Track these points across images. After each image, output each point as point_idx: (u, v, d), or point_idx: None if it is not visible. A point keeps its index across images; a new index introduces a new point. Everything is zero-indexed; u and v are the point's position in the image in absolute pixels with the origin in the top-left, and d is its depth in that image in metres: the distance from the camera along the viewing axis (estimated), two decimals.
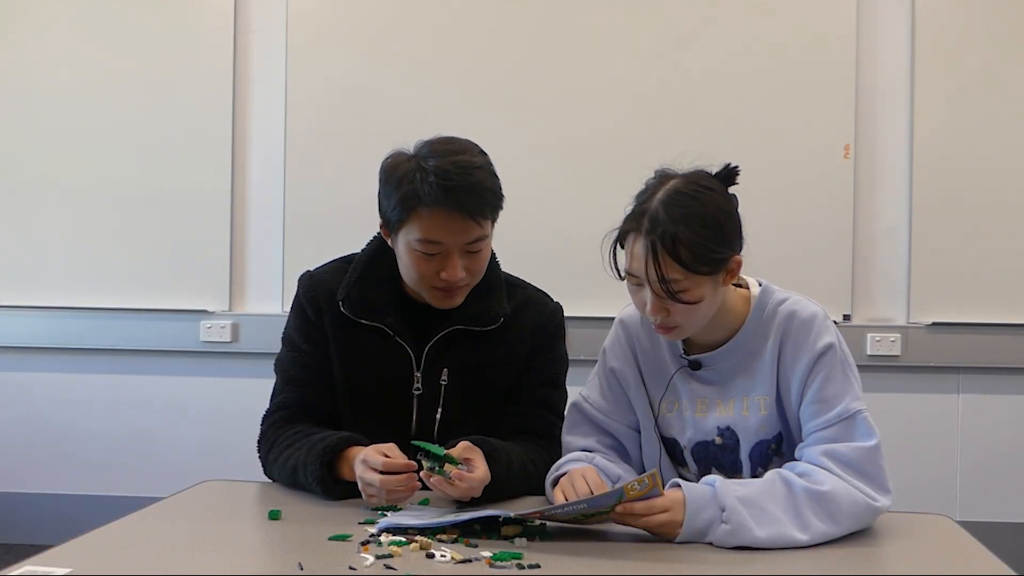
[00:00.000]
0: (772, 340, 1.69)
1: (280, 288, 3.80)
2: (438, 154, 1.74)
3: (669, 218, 1.57)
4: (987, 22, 3.68)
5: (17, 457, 3.92)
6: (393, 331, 1.87)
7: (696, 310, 1.63)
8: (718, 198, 1.63)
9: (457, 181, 1.71)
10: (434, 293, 1.82)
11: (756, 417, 1.72)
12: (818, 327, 1.68)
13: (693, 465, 1.79)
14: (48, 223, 3.89)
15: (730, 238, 1.63)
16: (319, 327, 1.91)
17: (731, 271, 1.65)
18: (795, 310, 1.70)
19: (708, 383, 1.76)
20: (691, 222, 1.58)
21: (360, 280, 1.89)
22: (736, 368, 1.73)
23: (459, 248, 1.76)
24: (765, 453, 1.74)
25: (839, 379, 1.65)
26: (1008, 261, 3.66)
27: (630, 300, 1.74)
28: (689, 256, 1.57)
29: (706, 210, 1.60)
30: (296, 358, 1.94)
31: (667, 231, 1.56)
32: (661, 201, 1.60)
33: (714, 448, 1.76)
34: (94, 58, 3.88)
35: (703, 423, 1.76)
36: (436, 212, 1.71)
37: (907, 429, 3.67)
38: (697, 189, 1.62)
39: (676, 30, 3.74)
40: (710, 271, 1.60)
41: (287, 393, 1.94)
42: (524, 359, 1.92)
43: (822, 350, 1.66)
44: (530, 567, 1.35)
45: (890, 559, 1.52)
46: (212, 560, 1.38)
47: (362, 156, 3.83)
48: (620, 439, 1.85)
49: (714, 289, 1.63)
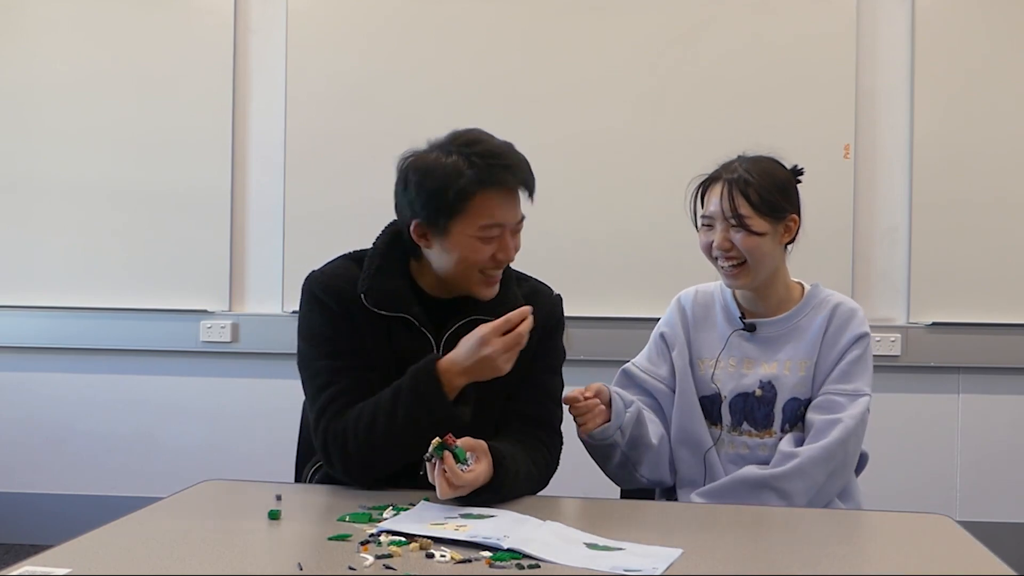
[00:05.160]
0: (821, 317, 2.03)
1: (280, 288, 3.80)
2: (473, 143, 1.80)
3: (745, 169, 1.97)
4: (987, 22, 3.68)
5: (17, 457, 3.93)
6: (419, 321, 1.86)
7: (757, 249, 1.95)
8: (785, 172, 2.02)
9: (509, 160, 1.80)
10: (482, 280, 1.86)
11: (795, 376, 2.01)
12: (860, 319, 2.04)
13: (728, 418, 2.04)
14: (48, 223, 3.89)
15: (791, 198, 2.00)
16: (346, 317, 1.86)
17: (789, 228, 1.99)
18: (842, 301, 2.06)
19: (759, 344, 2.05)
20: (762, 175, 1.96)
21: (379, 272, 1.87)
22: (786, 335, 2.04)
23: (513, 227, 1.83)
24: (796, 411, 2.00)
25: (863, 365, 2.00)
26: (1008, 261, 3.66)
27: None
28: (757, 198, 1.94)
29: (775, 171, 2.00)
30: (331, 350, 1.86)
31: (741, 176, 1.96)
32: (740, 159, 2.01)
33: (752, 400, 2.02)
34: (94, 57, 3.88)
35: (747, 377, 2.03)
36: (498, 193, 1.78)
37: (907, 429, 3.67)
38: (771, 160, 2.02)
39: (676, 30, 3.74)
40: (772, 215, 1.95)
41: (337, 384, 1.84)
42: (530, 347, 1.89)
43: (860, 335, 2.01)
44: (530, 567, 1.35)
45: (890, 559, 1.52)
46: (211, 560, 1.38)
47: (362, 155, 3.87)
48: (658, 398, 2.11)
49: (774, 238, 1.97)
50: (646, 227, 3.66)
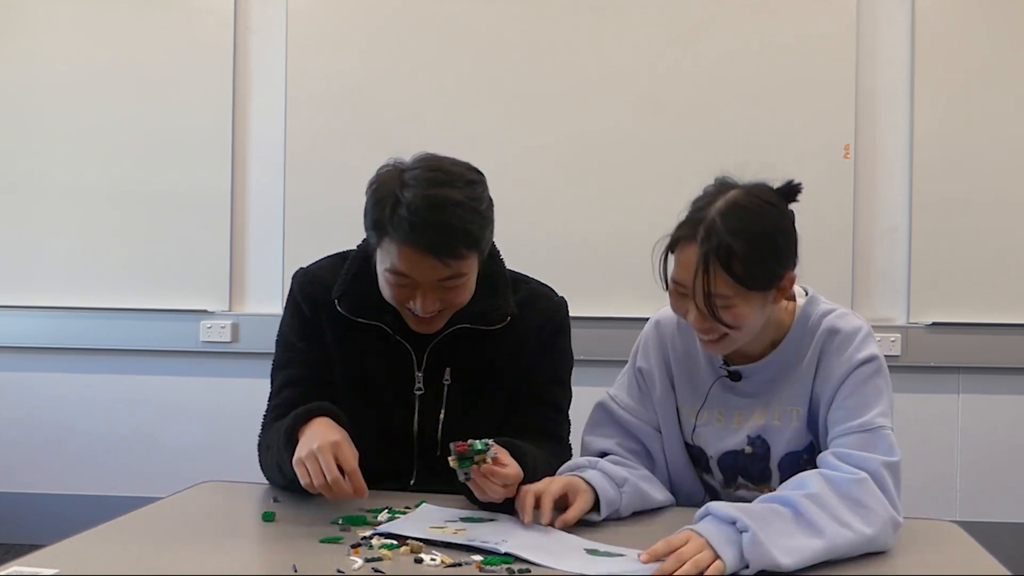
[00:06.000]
0: (811, 353, 1.66)
1: (280, 288, 3.80)
2: (419, 183, 1.64)
3: (726, 229, 1.52)
4: (987, 22, 3.67)
5: (17, 457, 3.93)
6: (392, 330, 1.81)
7: (743, 322, 1.58)
8: (777, 214, 1.60)
9: (428, 219, 1.60)
10: (409, 317, 1.76)
11: (789, 428, 1.68)
12: (859, 341, 1.65)
13: (719, 475, 1.76)
14: (48, 222, 3.89)
15: (785, 255, 1.60)
16: (315, 323, 1.85)
17: (783, 289, 1.62)
18: (837, 325, 1.66)
19: (745, 395, 1.72)
20: (749, 237, 1.53)
21: (356, 278, 1.82)
22: (775, 379, 1.70)
23: (430, 283, 1.68)
24: (796, 464, 1.69)
25: (871, 391, 1.62)
26: (1008, 261, 3.65)
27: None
28: (742, 271, 1.52)
29: (764, 226, 1.56)
30: (292, 358, 1.87)
31: (722, 243, 1.51)
32: (719, 211, 1.55)
33: (743, 458, 1.73)
34: (94, 57, 3.89)
35: (735, 434, 1.72)
36: (403, 248, 1.63)
37: (907, 429, 3.60)
38: (759, 203, 1.58)
39: (676, 30, 3.74)
40: (762, 287, 1.57)
41: (285, 394, 1.85)
42: (529, 355, 1.86)
43: (861, 360, 1.62)
44: (520, 571, 1.35)
45: (888, 561, 1.51)
46: (202, 561, 1.38)
47: (362, 156, 3.81)
48: (644, 441, 1.80)
49: (763, 306, 1.60)
50: (646, 227, 3.57)
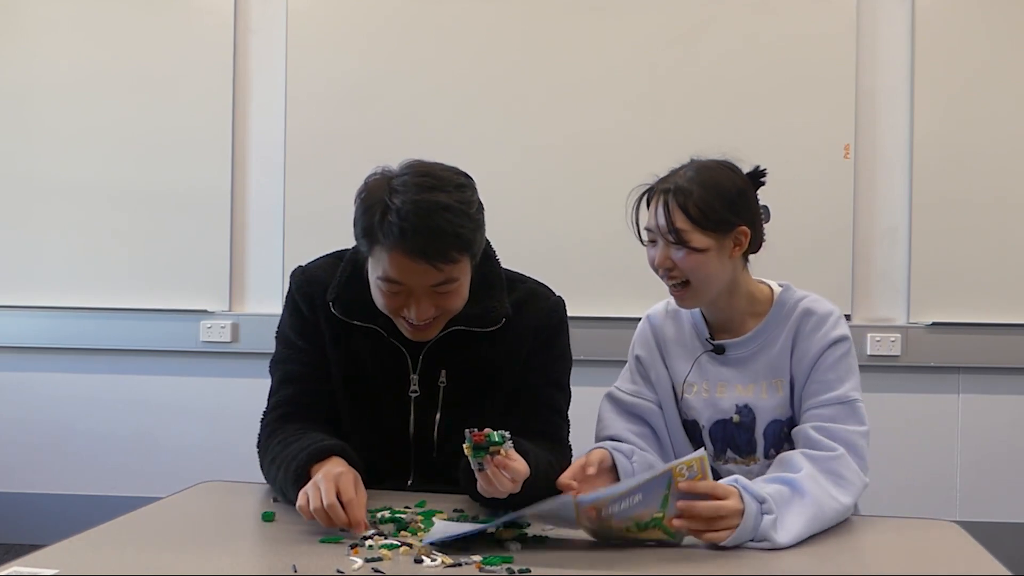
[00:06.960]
0: (787, 331, 1.82)
1: (280, 288, 3.80)
2: (408, 188, 1.63)
3: (687, 178, 1.76)
4: (987, 22, 3.67)
5: (17, 457, 3.93)
6: (387, 332, 1.81)
7: (701, 267, 1.75)
8: (737, 178, 1.81)
9: (418, 224, 1.60)
10: (403, 325, 1.74)
11: (773, 397, 1.83)
12: (832, 322, 1.82)
13: (710, 446, 1.88)
14: (48, 223, 3.90)
15: (739, 209, 1.78)
16: (314, 322, 1.85)
17: (738, 242, 1.78)
18: (812, 307, 1.84)
19: (729, 366, 1.86)
20: (706, 185, 1.75)
21: (351, 280, 1.81)
22: (757, 354, 1.85)
23: (423, 289, 1.67)
24: (779, 433, 1.83)
25: (843, 368, 1.78)
26: (1008, 261, 3.66)
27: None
28: (696, 211, 1.73)
29: (721, 180, 1.78)
30: (291, 355, 1.88)
31: (681, 187, 1.75)
32: (686, 169, 1.80)
33: (731, 427, 1.85)
34: (94, 57, 3.89)
35: (722, 402, 1.86)
36: (394, 254, 1.63)
37: (907, 429, 3.66)
38: (721, 167, 1.81)
39: (676, 30, 3.74)
40: (715, 229, 1.75)
41: (284, 391, 1.87)
42: (526, 356, 1.86)
43: (833, 340, 1.79)
44: (520, 571, 1.35)
45: (889, 561, 1.52)
46: (202, 561, 1.38)
47: (362, 156, 3.81)
48: (649, 420, 1.92)
49: (720, 254, 1.76)
50: None
